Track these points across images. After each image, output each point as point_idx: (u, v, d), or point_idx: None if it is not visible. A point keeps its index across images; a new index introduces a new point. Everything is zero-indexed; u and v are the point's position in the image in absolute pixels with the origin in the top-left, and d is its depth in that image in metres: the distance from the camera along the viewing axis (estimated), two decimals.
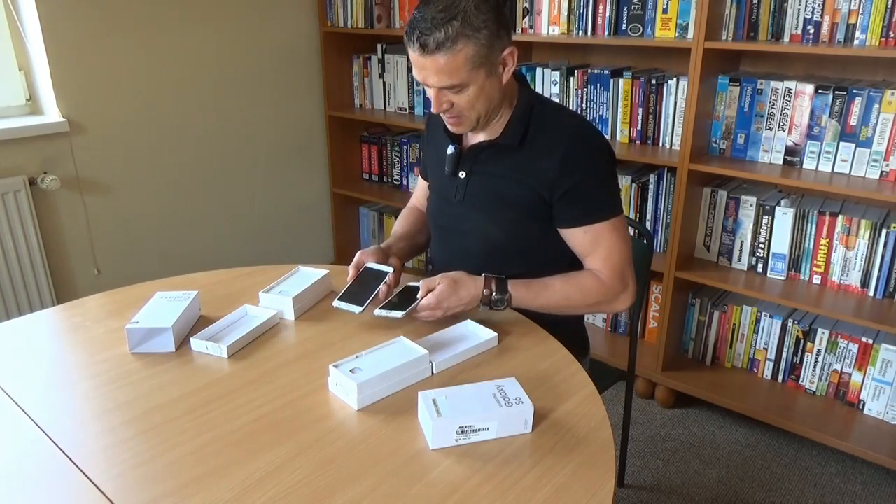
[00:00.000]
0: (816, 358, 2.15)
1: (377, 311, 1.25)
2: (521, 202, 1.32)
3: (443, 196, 1.44)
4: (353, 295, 1.29)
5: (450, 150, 1.39)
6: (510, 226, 1.35)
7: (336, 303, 1.28)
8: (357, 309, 1.26)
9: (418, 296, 1.25)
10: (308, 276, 1.42)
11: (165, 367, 1.16)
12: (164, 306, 1.27)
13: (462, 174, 1.38)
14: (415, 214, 1.59)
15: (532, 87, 1.42)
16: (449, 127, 1.33)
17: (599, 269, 1.31)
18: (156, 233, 2.57)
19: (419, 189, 1.63)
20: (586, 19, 2.25)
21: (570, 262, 1.35)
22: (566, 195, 1.28)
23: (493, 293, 1.27)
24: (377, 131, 3.09)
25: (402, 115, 2.87)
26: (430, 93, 1.25)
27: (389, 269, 1.33)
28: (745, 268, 2.19)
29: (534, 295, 1.29)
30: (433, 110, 1.28)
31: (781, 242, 2.11)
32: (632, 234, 2.20)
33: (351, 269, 1.36)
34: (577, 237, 1.32)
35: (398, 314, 1.23)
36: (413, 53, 1.21)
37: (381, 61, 2.89)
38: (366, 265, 1.35)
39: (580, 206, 1.29)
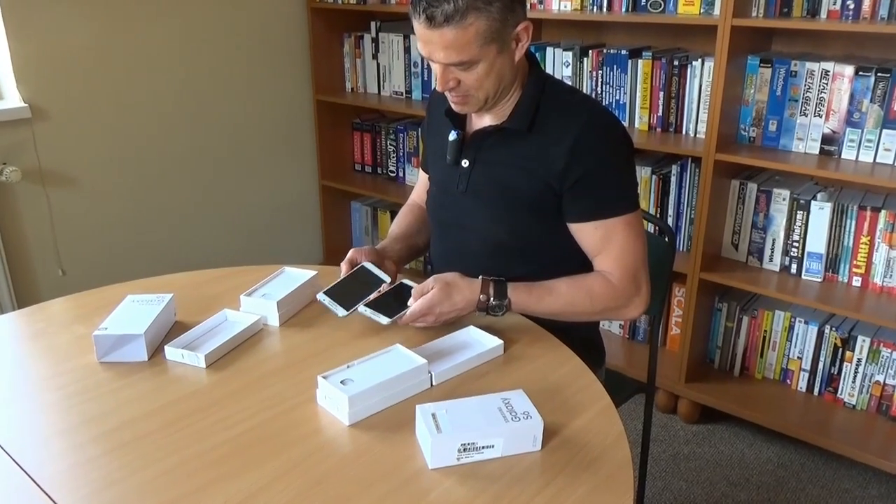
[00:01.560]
0: (856, 368, 2.15)
1: (361, 308, 1.26)
2: (528, 194, 1.32)
3: (443, 187, 1.44)
4: (341, 294, 1.30)
5: (452, 135, 1.39)
6: (516, 220, 1.35)
7: (321, 295, 1.29)
8: (341, 311, 1.27)
9: (409, 302, 1.25)
10: (294, 277, 1.43)
11: (137, 378, 1.16)
12: (135, 311, 1.27)
13: (465, 163, 1.38)
14: (414, 212, 1.59)
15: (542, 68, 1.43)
16: (453, 107, 1.33)
17: (610, 270, 1.31)
18: (126, 230, 2.58)
19: (419, 183, 1.63)
20: None
21: (581, 263, 1.35)
22: (576, 186, 1.28)
23: (491, 298, 1.27)
24: (370, 118, 3.09)
25: (398, 99, 2.87)
26: (436, 69, 1.25)
27: (387, 279, 1.33)
28: (777, 268, 2.19)
29: (536, 300, 1.29)
30: (438, 88, 1.27)
31: (818, 240, 2.11)
32: (652, 231, 2.19)
33: (344, 265, 1.36)
34: (586, 233, 1.32)
35: (384, 319, 1.23)
36: (418, 26, 1.21)
37: (375, 41, 2.90)
38: (363, 264, 1.36)
39: (591, 199, 1.29)
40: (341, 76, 3.05)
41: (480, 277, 1.29)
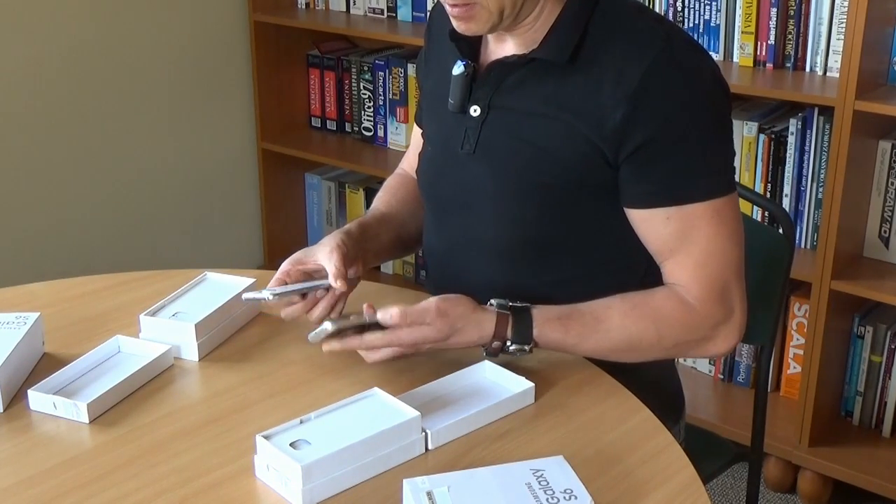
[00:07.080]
0: None
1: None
2: (567, 160, 1.32)
3: (443, 148, 1.45)
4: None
5: (457, 68, 1.39)
6: (548, 200, 1.35)
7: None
8: (267, 294, 1.28)
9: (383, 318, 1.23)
10: (221, 287, 1.43)
11: None
12: None
13: (475, 110, 1.38)
14: (407, 186, 1.60)
15: None
16: (455, 25, 1.32)
17: (686, 283, 1.31)
18: None
19: (413, 145, 1.64)
20: None
21: (651, 268, 1.36)
22: (639, 153, 1.28)
23: (510, 341, 1.27)
24: (335, 48, 3.09)
25: (375, 20, 2.87)
26: None
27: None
28: None
29: (577, 337, 1.29)
30: None
31: None
32: (759, 218, 2.20)
33: (284, 265, 1.35)
34: (653, 226, 1.32)
35: (327, 324, 1.22)
36: None
37: None
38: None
39: (661, 174, 1.29)
40: None
41: (495, 307, 1.28)
